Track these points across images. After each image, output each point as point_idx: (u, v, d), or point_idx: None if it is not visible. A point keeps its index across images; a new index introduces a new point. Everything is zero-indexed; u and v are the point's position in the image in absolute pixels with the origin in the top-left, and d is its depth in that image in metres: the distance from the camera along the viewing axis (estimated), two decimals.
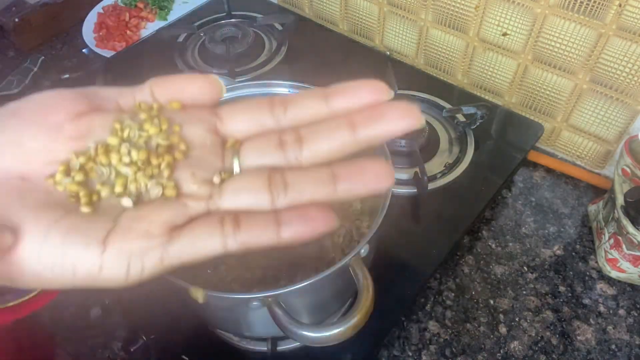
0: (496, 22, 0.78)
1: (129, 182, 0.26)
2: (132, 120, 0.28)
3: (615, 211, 0.65)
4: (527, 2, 0.73)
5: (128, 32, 1.04)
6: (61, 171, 0.26)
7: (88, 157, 0.27)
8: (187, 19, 1.04)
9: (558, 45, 0.74)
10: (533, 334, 0.63)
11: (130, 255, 0.24)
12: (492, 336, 0.63)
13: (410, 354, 0.62)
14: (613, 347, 0.62)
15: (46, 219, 0.24)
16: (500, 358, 0.61)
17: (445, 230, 0.68)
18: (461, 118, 0.80)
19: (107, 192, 0.26)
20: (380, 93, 0.27)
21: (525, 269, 0.69)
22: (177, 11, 1.09)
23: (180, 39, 0.98)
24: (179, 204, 0.26)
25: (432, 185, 0.72)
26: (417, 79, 0.90)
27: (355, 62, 0.95)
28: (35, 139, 0.26)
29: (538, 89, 0.81)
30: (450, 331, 0.63)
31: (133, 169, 0.27)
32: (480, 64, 0.85)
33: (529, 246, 0.72)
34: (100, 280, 0.24)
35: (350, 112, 0.27)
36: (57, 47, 1.07)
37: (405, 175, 0.73)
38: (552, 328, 0.64)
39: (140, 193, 0.26)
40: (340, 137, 0.27)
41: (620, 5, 0.65)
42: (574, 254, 0.71)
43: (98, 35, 1.03)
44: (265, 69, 0.92)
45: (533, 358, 0.61)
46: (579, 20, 0.70)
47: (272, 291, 0.42)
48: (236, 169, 0.27)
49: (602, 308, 0.66)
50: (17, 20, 1.02)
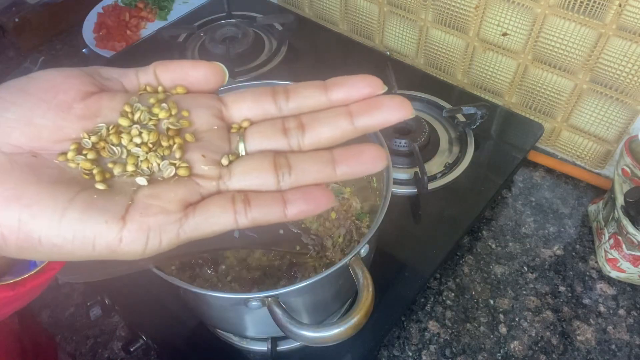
0: (496, 22, 0.78)
1: (141, 161, 0.27)
2: (141, 103, 0.28)
3: (615, 211, 0.65)
4: (527, 2, 0.73)
5: (128, 32, 1.04)
6: (73, 149, 0.27)
7: (99, 136, 0.27)
8: (187, 19, 1.04)
9: (558, 45, 0.74)
10: (533, 334, 0.63)
11: (149, 230, 0.25)
12: (492, 336, 0.63)
13: (410, 354, 0.62)
14: (613, 347, 0.62)
15: (63, 195, 0.25)
16: (500, 358, 0.61)
17: (445, 230, 0.68)
18: (461, 118, 0.80)
19: (120, 171, 0.27)
20: (376, 87, 0.29)
21: (525, 269, 0.69)
22: (177, 11, 1.09)
23: (180, 39, 0.98)
24: (192, 183, 0.27)
25: (432, 185, 0.72)
26: (417, 79, 0.90)
27: (355, 62, 0.95)
28: (45, 116, 0.27)
29: (538, 89, 0.81)
30: (450, 331, 0.63)
31: (144, 149, 0.28)
32: (480, 64, 0.85)
33: (529, 246, 0.72)
34: (119, 253, 0.25)
35: (348, 102, 0.29)
36: (57, 47, 1.07)
37: (405, 175, 0.73)
38: (552, 328, 0.64)
39: (153, 172, 0.27)
40: (339, 125, 0.29)
41: (620, 5, 0.65)
42: (574, 254, 0.71)
43: (98, 35, 1.03)
44: (265, 69, 0.92)
45: (533, 358, 0.61)
46: (579, 20, 0.70)
47: (272, 291, 0.42)
48: (242, 152, 0.29)
49: (602, 308, 0.66)
50: (17, 20, 1.02)
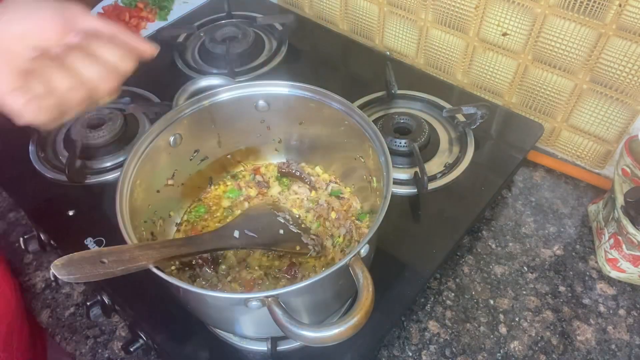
0: (496, 22, 0.78)
1: None
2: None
3: (615, 211, 0.65)
4: (527, 2, 0.73)
5: None
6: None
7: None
8: (187, 19, 1.04)
9: (558, 45, 0.74)
10: (533, 334, 0.63)
11: None
12: (492, 336, 0.63)
13: (410, 354, 0.62)
14: (613, 347, 0.62)
15: None
16: (500, 358, 0.61)
17: (445, 230, 0.68)
18: (461, 118, 0.80)
19: None
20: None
21: (525, 269, 0.69)
22: (177, 11, 1.09)
23: (180, 39, 0.98)
24: None
25: (432, 185, 0.72)
26: (417, 79, 0.90)
27: (355, 62, 0.95)
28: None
29: (538, 89, 0.81)
30: (450, 331, 0.63)
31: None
32: (480, 64, 0.85)
33: (529, 246, 0.72)
34: None
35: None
36: None
37: (405, 175, 0.73)
38: (552, 328, 0.64)
39: None
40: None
41: (620, 5, 0.65)
42: (574, 254, 0.71)
43: None
44: (265, 69, 0.92)
45: (533, 358, 0.61)
46: (579, 20, 0.70)
47: (272, 291, 0.42)
48: None
49: (602, 308, 0.66)
50: None
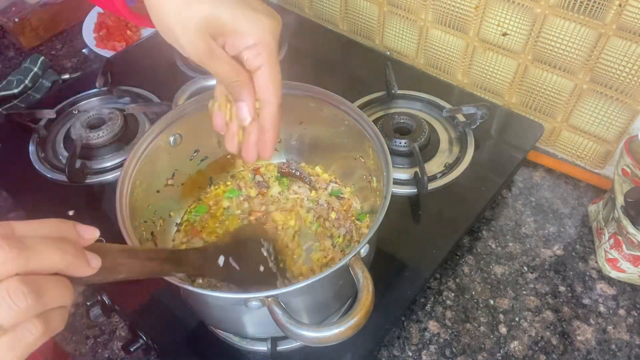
0: (496, 22, 0.78)
1: None
2: None
3: (615, 211, 0.65)
4: (527, 2, 0.73)
5: (128, 32, 1.04)
6: None
7: None
8: None
9: (558, 45, 0.74)
10: (533, 334, 0.63)
11: None
12: (492, 336, 0.63)
13: (410, 354, 0.62)
14: (613, 347, 0.62)
15: None
16: (500, 358, 0.61)
17: (445, 230, 0.68)
18: (461, 118, 0.80)
19: None
20: None
21: (525, 269, 0.69)
22: None
23: None
24: None
25: (432, 185, 0.72)
26: (417, 79, 0.90)
27: (355, 62, 0.95)
28: None
29: (538, 89, 0.81)
30: (450, 331, 0.63)
31: None
32: (480, 64, 0.85)
33: (529, 246, 0.72)
34: None
35: None
36: (57, 47, 1.07)
37: (405, 175, 0.73)
38: (552, 328, 0.64)
39: None
40: None
41: (620, 5, 0.65)
42: (574, 254, 0.71)
43: (98, 35, 1.03)
44: None
45: (533, 358, 0.61)
46: (579, 20, 0.70)
47: (272, 291, 0.42)
48: None
49: (602, 308, 0.66)
50: (17, 20, 1.02)
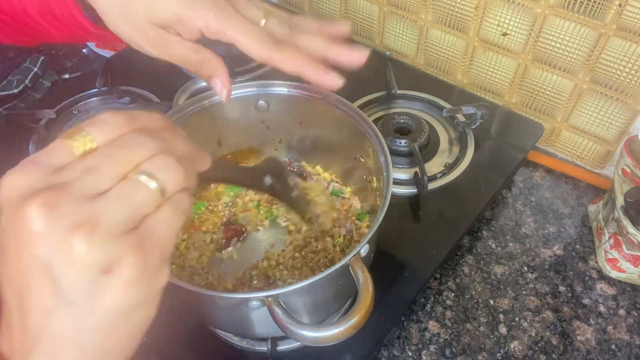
0: (496, 22, 0.78)
1: None
2: None
3: (615, 211, 0.65)
4: (527, 2, 0.73)
5: None
6: None
7: None
8: None
9: (558, 45, 0.74)
10: (533, 334, 0.63)
11: None
12: (492, 336, 0.63)
13: (410, 354, 0.62)
14: (613, 347, 0.62)
15: None
16: (500, 358, 0.61)
17: (445, 230, 0.68)
18: (461, 118, 0.80)
19: None
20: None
21: (525, 269, 0.69)
22: None
23: None
24: None
25: (432, 185, 0.72)
26: (417, 79, 0.90)
27: None
28: None
29: (538, 89, 0.81)
30: (450, 331, 0.63)
31: None
32: (480, 64, 0.85)
33: (529, 246, 0.72)
34: None
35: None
36: (57, 47, 1.07)
37: (405, 175, 0.73)
38: (552, 328, 0.64)
39: None
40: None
41: (620, 5, 0.65)
42: (574, 254, 0.71)
43: None
44: (265, 68, 0.92)
45: (533, 358, 0.61)
46: (579, 20, 0.70)
47: (272, 291, 0.42)
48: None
49: (602, 308, 0.66)
50: None
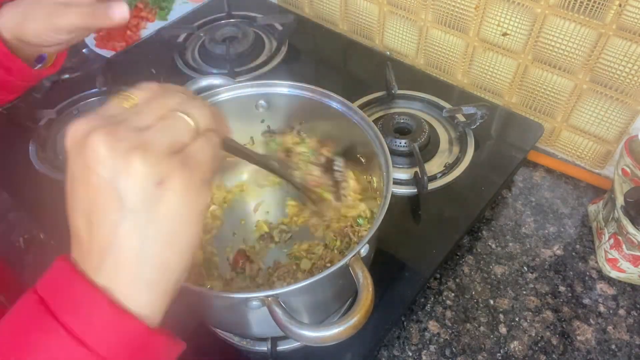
0: (496, 22, 0.78)
1: None
2: None
3: (615, 211, 0.65)
4: (527, 2, 0.73)
5: (128, 32, 1.04)
6: None
7: None
8: (187, 19, 1.04)
9: (558, 45, 0.74)
10: (533, 334, 0.63)
11: None
12: (492, 336, 0.63)
13: (410, 354, 0.62)
14: (613, 347, 0.62)
15: None
16: (500, 358, 0.61)
17: (445, 230, 0.68)
18: (461, 118, 0.80)
19: None
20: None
21: (525, 269, 0.69)
22: (177, 11, 1.09)
23: (180, 39, 0.98)
24: None
25: (432, 185, 0.72)
26: (417, 79, 0.90)
27: (355, 62, 0.95)
28: None
29: (538, 89, 0.81)
30: (450, 331, 0.63)
31: None
32: (480, 64, 0.85)
33: (529, 246, 0.72)
34: None
35: None
36: None
37: (405, 175, 0.73)
38: (552, 328, 0.64)
39: None
40: None
41: (620, 5, 0.65)
42: (574, 254, 0.71)
43: (98, 35, 1.03)
44: (265, 69, 0.92)
45: (533, 358, 0.61)
46: (579, 20, 0.70)
47: (272, 291, 0.42)
48: None
49: (602, 308, 0.66)
50: None
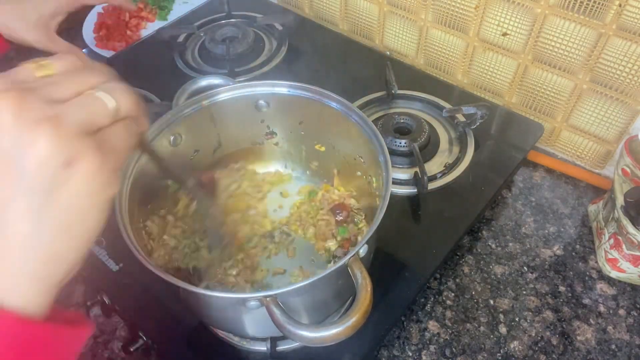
0: (496, 22, 0.78)
1: None
2: None
3: (615, 211, 0.64)
4: (527, 2, 0.73)
5: (128, 32, 1.04)
6: None
7: None
8: (187, 19, 1.04)
9: (558, 45, 0.74)
10: (533, 334, 0.63)
11: None
12: (492, 336, 0.63)
13: (410, 354, 0.62)
14: (613, 347, 0.62)
15: None
16: (500, 358, 0.61)
17: (445, 230, 0.68)
18: (461, 118, 0.80)
19: None
20: None
21: (525, 269, 0.69)
22: (177, 11, 1.09)
23: (180, 39, 0.98)
24: None
25: (432, 185, 0.72)
26: (417, 79, 0.90)
27: (355, 62, 0.95)
28: None
29: (538, 89, 0.81)
30: (450, 331, 0.63)
31: None
32: (480, 64, 0.85)
33: (529, 246, 0.72)
34: None
35: None
36: None
37: (405, 175, 0.73)
38: (552, 328, 0.64)
39: None
40: None
41: (620, 5, 0.65)
42: (574, 254, 0.71)
43: (98, 35, 1.03)
44: (265, 69, 0.92)
45: (533, 358, 0.61)
46: (579, 20, 0.70)
47: (271, 291, 0.42)
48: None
49: (602, 308, 0.66)
50: None
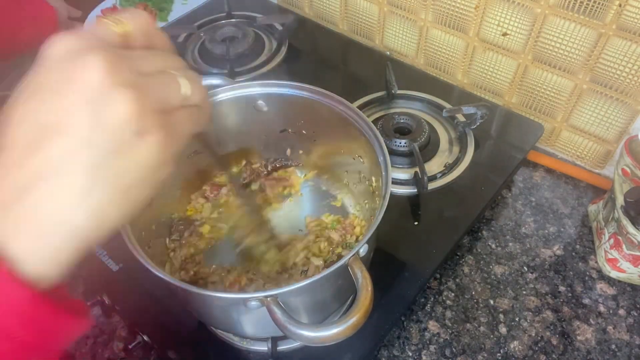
0: (496, 22, 0.78)
1: None
2: None
3: (615, 211, 0.64)
4: (527, 2, 0.73)
5: None
6: None
7: None
8: (187, 19, 1.04)
9: (558, 45, 0.74)
10: (533, 334, 0.63)
11: None
12: (492, 336, 0.63)
13: (410, 354, 0.62)
14: (613, 347, 0.62)
15: None
16: (500, 358, 0.61)
17: (445, 230, 0.68)
18: (461, 118, 0.80)
19: None
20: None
21: (525, 269, 0.69)
22: (177, 11, 1.09)
23: (180, 39, 0.98)
24: None
25: (432, 185, 0.72)
26: (417, 79, 0.90)
27: (355, 62, 0.95)
28: None
29: (538, 89, 0.81)
30: (450, 331, 0.63)
31: None
32: (480, 64, 0.85)
33: (529, 246, 0.72)
34: None
35: None
36: None
37: (405, 175, 0.73)
38: (552, 328, 0.64)
39: None
40: None
41: (620, 5, 0.65)
42: (574, 254, 0.71)
43: None
44: (265, 69, 0.92)
45: (533, 358, 0.61)
46: (579, 20, 0.70)
47: (271, 291, 0.42)
48: None
49: (602, 308, 0.66)
50: None
